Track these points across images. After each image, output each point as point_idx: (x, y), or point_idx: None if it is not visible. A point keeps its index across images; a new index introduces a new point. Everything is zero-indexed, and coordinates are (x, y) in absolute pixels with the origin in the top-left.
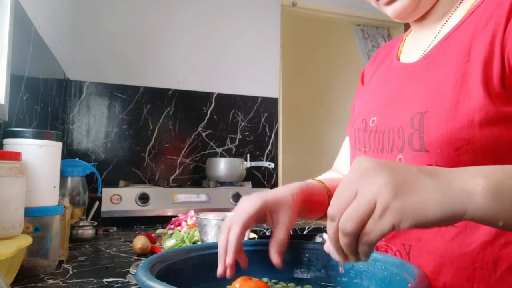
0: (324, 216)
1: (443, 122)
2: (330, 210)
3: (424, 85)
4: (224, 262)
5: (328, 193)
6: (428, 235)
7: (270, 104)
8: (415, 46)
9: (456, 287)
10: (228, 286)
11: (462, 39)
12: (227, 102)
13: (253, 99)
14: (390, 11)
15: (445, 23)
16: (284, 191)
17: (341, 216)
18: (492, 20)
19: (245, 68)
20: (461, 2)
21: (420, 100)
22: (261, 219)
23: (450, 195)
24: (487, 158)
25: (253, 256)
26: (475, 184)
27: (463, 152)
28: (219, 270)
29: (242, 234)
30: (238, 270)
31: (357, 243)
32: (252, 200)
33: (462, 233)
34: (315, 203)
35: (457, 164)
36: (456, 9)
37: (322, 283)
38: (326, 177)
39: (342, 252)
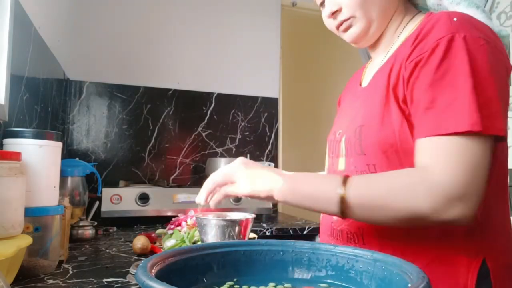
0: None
1: (374, 132)
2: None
3: (364, 104)
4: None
5: None
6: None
7: (270, 104)
8: (370, 72)
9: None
10: (229, 283)
11: (387, 68)
12: (227, 102)
13: (253, 99)
14: (347, 36)
15: (387, 53)
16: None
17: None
18: (404, 52)
19: (245, 68)
20: (398, 36)
21: (361, 116)
22: None
23: (271, 188)
24: (408, 158)
25: (254, 257)
26: (282, 183)
27: (389, 153)
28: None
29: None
30: (233, 273)
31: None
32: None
33: None
34: None
35: (387, 162)
36: (395, 42)
37: (322, 284)
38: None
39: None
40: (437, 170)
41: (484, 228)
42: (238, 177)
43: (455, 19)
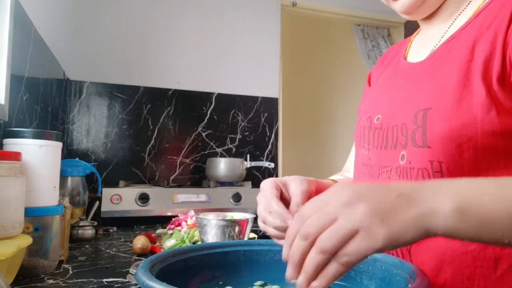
0: None
1: (446, 119)
2: (305, 229)
3: (428, 83)
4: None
5: None
6: None
7: (270, 104)
8: (422, 45)
9: (456, 285)
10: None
11: (467, 39)
12: (227, 102)
13: (253, 99)
14: (398, 6)
15: (452, 23)
16: (296, 176)
17: (320, 236)
18: (496, 20)
19: (245, 68)
20: (469, 3)
21: (424, 97)
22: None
23: (424, 218)
24: (488, 156)
25: (254, 257)
26: (444, 205)
27: (464, 149)
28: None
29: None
30: (233, 273)
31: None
32: (267, 181)
33: None
34: None
35: (459, 160)
36: (464, 9)
37: None
38: (337, 177)
39: (302, 271)
40: None
41: None
42: (359, 221)
43: None
